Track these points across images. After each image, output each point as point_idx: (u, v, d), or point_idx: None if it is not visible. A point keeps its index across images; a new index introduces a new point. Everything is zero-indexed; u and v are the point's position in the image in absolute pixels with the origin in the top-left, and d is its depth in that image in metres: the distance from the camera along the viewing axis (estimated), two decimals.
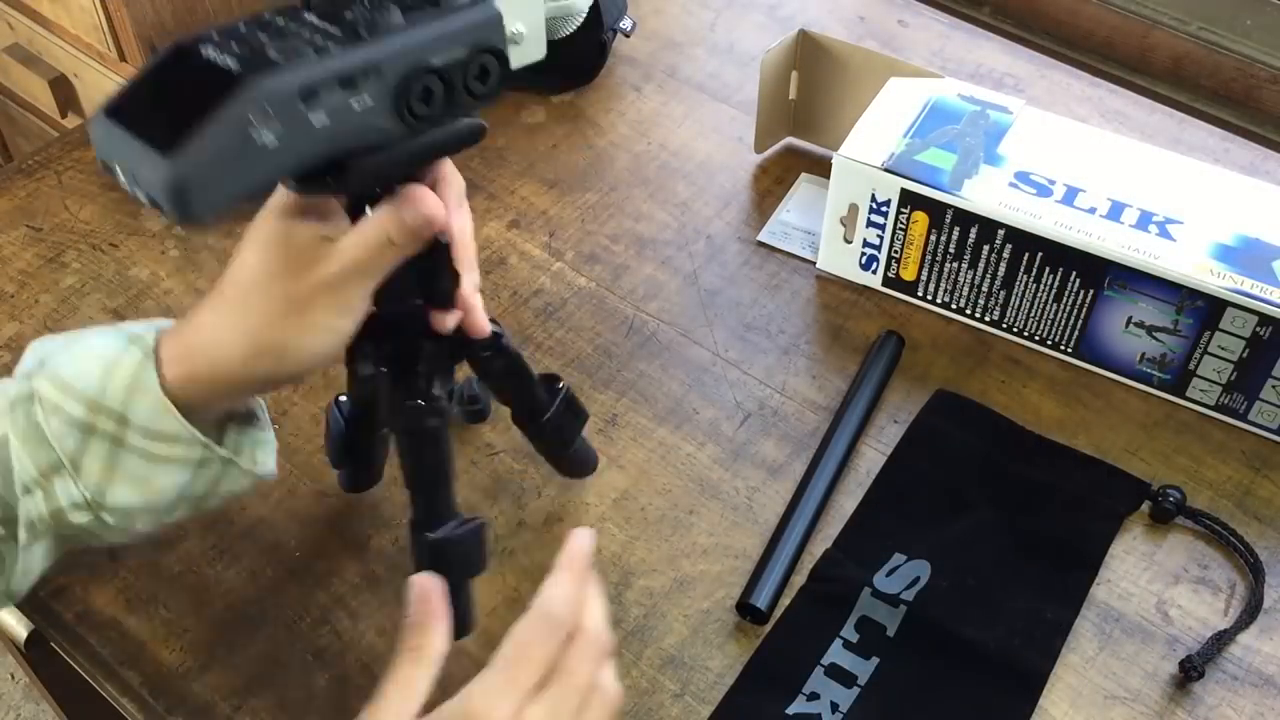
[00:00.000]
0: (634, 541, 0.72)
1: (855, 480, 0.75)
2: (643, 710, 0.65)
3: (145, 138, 0.46)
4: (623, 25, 0.99)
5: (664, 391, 0.79)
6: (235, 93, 0.45)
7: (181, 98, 0.47)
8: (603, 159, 0.95)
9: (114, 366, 0.56)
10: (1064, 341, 0.81)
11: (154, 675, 0.66)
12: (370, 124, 0.49)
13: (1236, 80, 1.04)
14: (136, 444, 0.56)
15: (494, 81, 0.53)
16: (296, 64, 0.47)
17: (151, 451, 0.56)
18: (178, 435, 0.56)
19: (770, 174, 0.94)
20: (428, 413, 0.59)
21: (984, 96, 0.85)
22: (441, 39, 0.50)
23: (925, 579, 0.69)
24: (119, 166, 0.47)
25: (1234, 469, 0.76)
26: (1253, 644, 0.68)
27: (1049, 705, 0.65)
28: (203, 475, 0.58)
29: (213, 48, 0.48)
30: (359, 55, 0.48)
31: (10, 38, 1.29)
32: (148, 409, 0.55)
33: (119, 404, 0.55)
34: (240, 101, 0.45)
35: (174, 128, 0.46)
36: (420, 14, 0.50)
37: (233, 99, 0.45)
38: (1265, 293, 0.72)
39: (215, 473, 0.59)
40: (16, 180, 0.92)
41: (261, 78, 0.46)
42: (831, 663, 0.66)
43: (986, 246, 0.79)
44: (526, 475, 0.74)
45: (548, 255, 0.88)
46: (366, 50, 0.48)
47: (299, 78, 0.47)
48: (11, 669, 1.49)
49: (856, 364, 0.81)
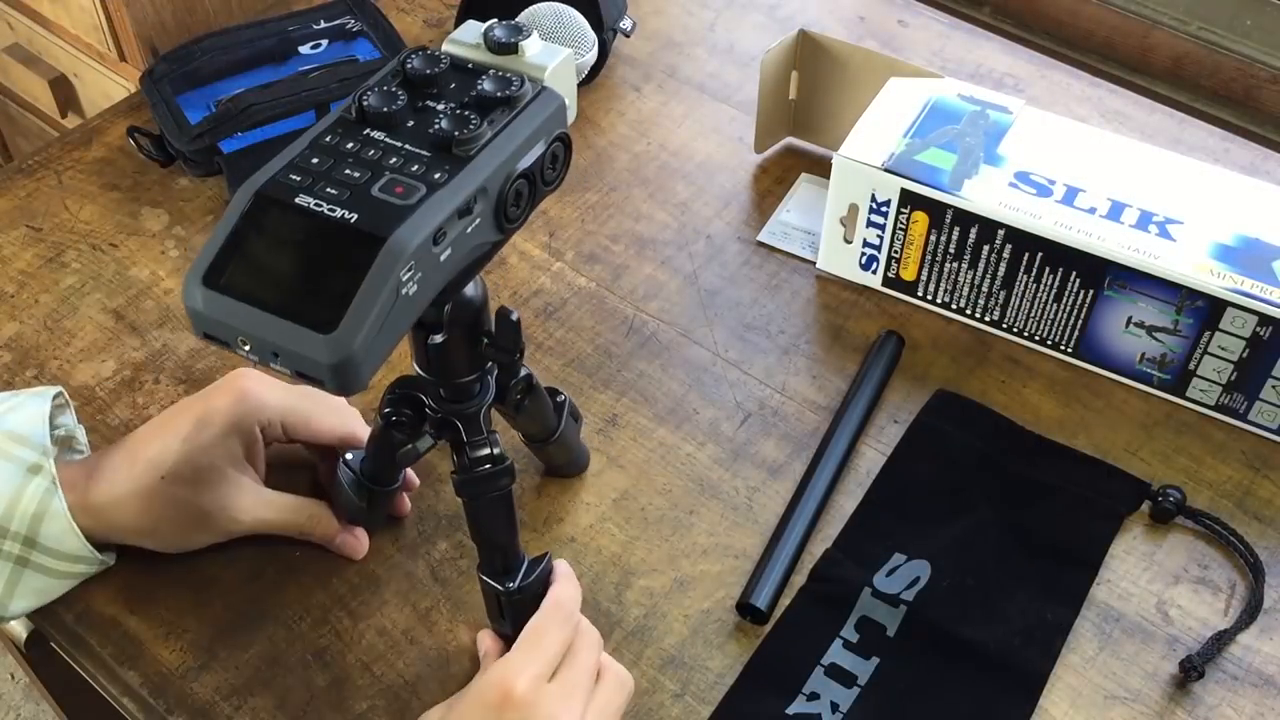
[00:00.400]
0: (634, 541, 0.72)
1: (855, 480, 0.75)
2: (643, 710, 0.65)
3: (287, 314, 0.44)
4: (623, 25, 0.99)
5: (664, 391, 0.79)
6: (384, 255, 0.43)
7: (309, 264, 0.45)
8: (603, 159, 0.95)
9: (19, 495, 0.62)
10: (1064, 341, 0.81)
11: (154, 675, 0.66)
12: (478, 241, 0.49)
13: (1236, 80, 1.04)
14: (41, 563, 0.63)
15: (562, 166, 0.52)
16: (423, 208, 0.45)
17: (54, 568, 0.64)
18: (80, 555, 0.64)
19: (770, 174, 0.94)
20: (500, 474, 0.59)
21: (984, 96, 0.85)
22: (527, 141, 0.49)
23: (925, 579, 0.69)
24: (243, 341, 0.45)
25: (1234, 469, 0.76)
26: (1253, 644, 0.68)
27: (1049, 705, 0.65)
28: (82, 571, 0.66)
29: (305, 195, 0.46)
30: (471, 181, 0.47)
31: (10, 38, 1.29)
32: (56, 532, 0.63)
33: (25, 528, 0.62)
34: (391, 264, 0.43)
35: (323, 301, 0.43)
36: (499, 116, 0.49)
37: (385, 263, 0.43)
38: (1265, 293, 0.72)
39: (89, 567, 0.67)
40: (16, 180, 0.92)
41: (403, 233, 0.44)
42: (831, 663, 0.66)
43: (986, 246, 0.79)
44: (526, 475, 0.74)
45: (548, 255, 0.88)
46: (473, 173, 0.47)
47: (432, 224, 0.45)
48: (11, 669, 1.49)
49: (856, 364, 0.81)
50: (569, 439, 0.71)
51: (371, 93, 0.49)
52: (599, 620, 0.68)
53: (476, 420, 0.59)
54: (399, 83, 0.50)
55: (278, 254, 0.45)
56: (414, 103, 0.49)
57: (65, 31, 1.18)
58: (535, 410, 0.65)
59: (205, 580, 0.69)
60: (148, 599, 0.68)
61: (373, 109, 0.49)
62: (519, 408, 0.63)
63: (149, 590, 0.69)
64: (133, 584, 0.69)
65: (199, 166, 0.90)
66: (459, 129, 0.48)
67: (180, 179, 0.92)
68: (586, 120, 0.98)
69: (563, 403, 0.69)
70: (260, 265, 0.45)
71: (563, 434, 0.69)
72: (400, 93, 0.49)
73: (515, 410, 0.63)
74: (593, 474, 0.75)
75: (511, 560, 0.60)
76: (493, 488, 0.59)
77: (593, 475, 0.75)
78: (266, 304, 0.44)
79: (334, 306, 0.43)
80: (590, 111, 0.99)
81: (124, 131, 0.93)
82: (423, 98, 0.50)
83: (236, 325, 0.44)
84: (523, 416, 0.65)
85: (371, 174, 0.47)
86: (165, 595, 0.68)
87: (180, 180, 0.92)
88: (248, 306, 0.44)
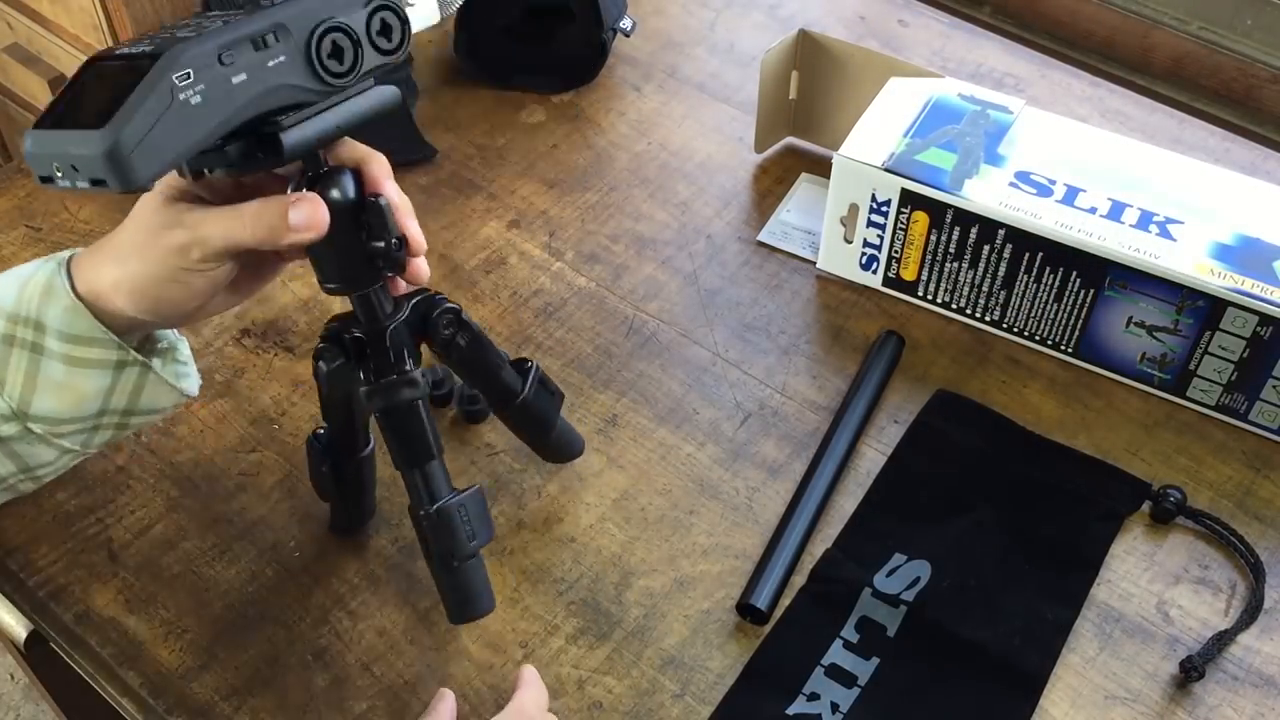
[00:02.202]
0: (634, 541, 0.72)
1: (855, 480, 0.75)
2: (643, 710, 0.65)
3: (76, 125, 0.49)
4: (623, 25, 0.99)
5: (664, 391, 0.79)
6: (157, 65, 0.49)
7: (105, 87, 0.50)
8: (603, 159, 0.95)
9: (28, 280, 0.59)
10: (1064, 341, 0.81)
11: (154, 675, 0.66)
12: (288, 82, 0.53)
13: (1236, 80, 1.04)
14: (55, 348, 0.59)
15: (398, 38, 0.56)
16: (208, 34, 0.50)
17: (70, 354, 0.59)
18: (92, 336, 0.59)
19: (770, 174, 0.94)
20: (401, 385, 0.60)
21: (984, 96, 0.85)
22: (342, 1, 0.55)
23: (925, 579, 0.69)
24: (56, 167, 0.49)
25: (1234, 469, 0.76)
26: (1253, 644, 0.68)
27: (1049, 705, 0.65)
28: (122, 383, 0.61)
29: (125, 48, 0.51)
30: (264, 17, 0.52)
31: (10, 38, 1.29)
32: (61, 312, 0.59)
33: (34, 311, 0.59)
34: (161, 68, 0.48)
35: (104, 108, 0.48)
36: None
37: (155, 69, 0.49)
38: (1265, 293, 0.72)
39: (134, 381, 0.61)
40: (16, 180, 0.92)
41: (178, 49, 0.49)
42: (831, 663, 0.66)
43: (987, 246, 0.79)
44: (526, 475, 0.74)
45: (548, 255, 0.88)
46: (269, 13, 0.52)
47: (212, 43, 0.50)
48: (11, 669, 1.49)
49: (856, 364, 0.81)
50: (544, 412, 0.70)
51: None
52: (599, 621, 0.68)
53: (382, 339, 0.60)
54: None
55: (88, 91, 0.51)
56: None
57: (65, 31, 1.18)
58: (475, 357, 0.65)
59: (205, 580, 0.69)
60: (148, 599, 0.68)
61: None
62: (449, 346, 0.63)
63: (149, 590, 0.69)
64: (133, 584, 0.69)
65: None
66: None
67: None
68: (587, 120, 0.98)
69: (530, 368, 0.68)
70: (74, 103, 0.51)
71: (530, 403, 0.68)
72: None
73: (446, 350, 0.63)
74: (593, 474, 0.75)
75: (434, 485, 0.61)
76: (396, 397, 0.59)
77: (593, 475, 0.75)
78: (67, 125, 0.49)
79: (110, 109, 0.48)
80: (590, 111, 0.99)
81: None
82: None
83: (47, 153, 0.49)
84: (465, 365, 0.65)
85: (190, 29, 0.52)
86: (165, 595, 0.69)
87: None
88: (55, 131, 0.50)
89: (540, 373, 0.69)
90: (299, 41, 0.53)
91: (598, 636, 0.68)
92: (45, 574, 0.70)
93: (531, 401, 0.68)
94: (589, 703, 0.65)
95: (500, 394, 0.67)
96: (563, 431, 0.72)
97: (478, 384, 0.68)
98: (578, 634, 0.68)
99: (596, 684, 0.66)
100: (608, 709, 0.65)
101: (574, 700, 0.65)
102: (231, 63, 0.51)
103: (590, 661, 0.67)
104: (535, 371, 0.68)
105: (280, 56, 0.52)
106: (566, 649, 0.67)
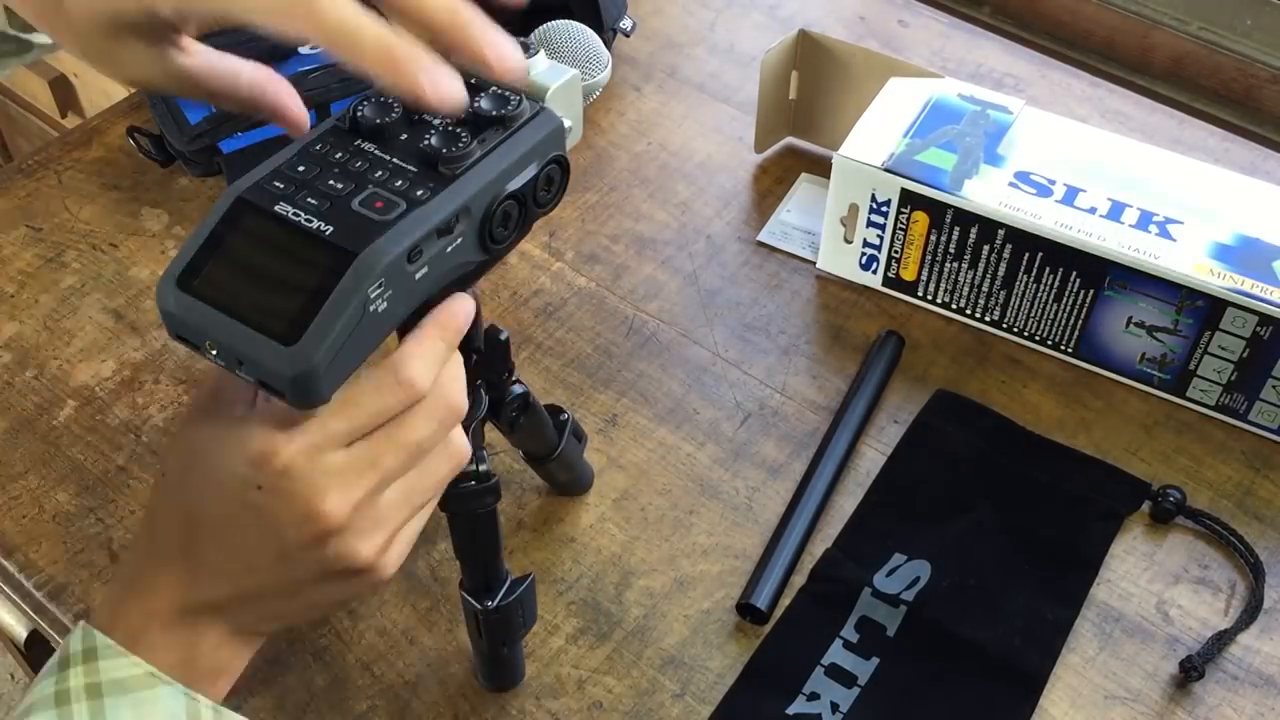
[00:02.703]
0: (634, 541, 0.72)
1: (855, 480, 0.75)
2: (643, 710, 0.65)
3: (254, 324, 0.43)
4: (623, 25, 0.99)
5: (664, 391, 0.79)
6: (353, 272, 0.43)
7: (281, 273, 0.44)
8: (603, 159, 0.95)
9: None
10: (1064, 341, 0.81)
11: None
12: (459, 261, 0.48)
13: (1236, 80, 1.04)
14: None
15: (558, 189, 0.52)
16: (400, 225, 0.44)
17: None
18: None
19: (770, 174, 0.94)
20: (485, 493, 0.57)
21: (984, 96, 0.85)
22: (518, 162, 0.48)
23: (925, 579, 0.69)
24: (210, 346, 0.45)
25: (1234, 469, 0.76)
26: (1253, 644, 0.68)
27: (1049, 705, 0.65)
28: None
29: (285, 203, 0.45)
30: (452, 200, 0.46)
31: None
32: None
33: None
34: (358, 277, 0.43)
35: (288, 313, 0.43)
36: (492, 135, 0.48)
37: (352, 279, 0.43)
38: (1265, 293, 0.72)
39: None
40: (16, 180, 0.92)
41: (374, 250, 0.43)
42: (831, 663, 0.66)
43: (987, 246, 0.79)
44: (526, 475, 0.74)
45: (548, 255, 0.88)
46: (456, 192, 0.46)
47: (407, 242, 0.44)
48: (11, 669, 1.49)
49: (856, 364, 0.81)
50: (570, 458, 0.70)
51: (367, 103, 0.49)
52: (599, 620, 0.68)
53: None
54: None
55: (251, 261, 0.45)
56: (409, 115, 0.49)
57: None
58: (532, 428, 0.65)
59: None
60: None
61: (365, 120, 0.48)
62: (514, 425, 0.63)
63: None
64: None
65: (199, 166, 0.90)
66: (447, 146, 0.47)
67: (180, 179, 0.92)
68: (587, 120, 0.98)
69: (565, 421, 0.68)
70: (233, 271, 0.45)
71: (563, 453, 0.68)
72: (396, 104, 0.49)
73: (510, 428, 0.63)
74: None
75: (493, 578, 0.60)
76: (477, 505, 0.57)
77: None
78: (235, 311, 0.44)
79: (299, 319, 0.43)
80: (590, 111, 0.99)
81: (124, 131, 0.93)
82: (419, 111, 0.49)
83: (205, 330, 0.44)
84: (520, 434, 0.64)
85: (355, 186, 0.46)
86: None
87: (180, 180, 0.92)
88: (217, 312, 0.44)
89: (574, 426, 0.69)
90: (476, 218, 0.47)
91: (598, 636, 0.68)
92: (45, 574, 0.69)
93: (564, 453, 0.69)
94: (589, 703, 0.65)
95: (543, 454, 0.68)
96: (582, 472, 0.73)
97: (522, 445, 0.68)
98: (578, 634, 0.68)
99: (596, 684, 0.66)
100: (608, 709, 0.65)
101: (574, 700, 0.65)
102: (418, 259, 0.45)
103: (590, 661, 0.67)
104: (570, 424, 0.68)
105: (459, 239, 0.47)
106: (566, 649, 0.67)
